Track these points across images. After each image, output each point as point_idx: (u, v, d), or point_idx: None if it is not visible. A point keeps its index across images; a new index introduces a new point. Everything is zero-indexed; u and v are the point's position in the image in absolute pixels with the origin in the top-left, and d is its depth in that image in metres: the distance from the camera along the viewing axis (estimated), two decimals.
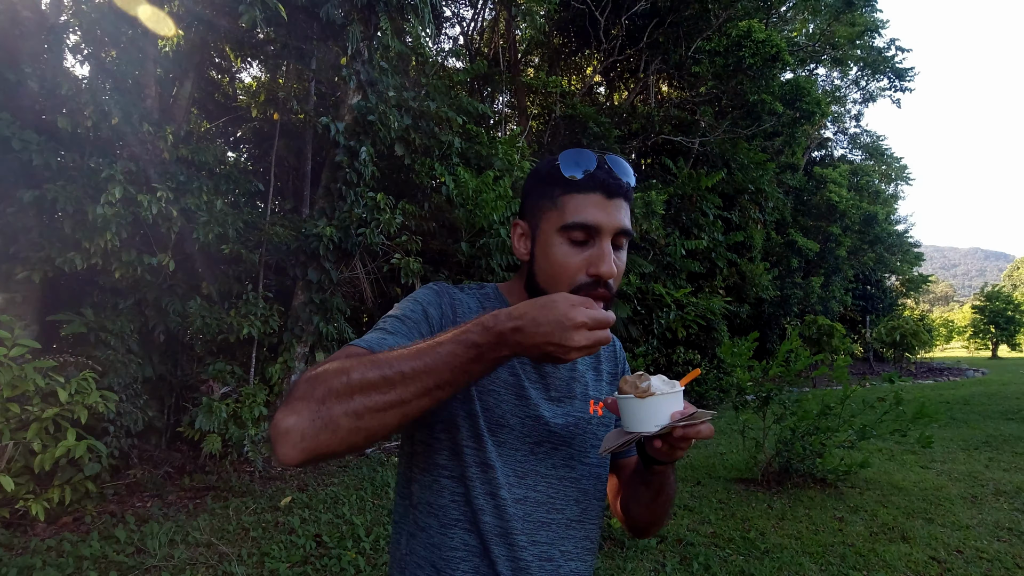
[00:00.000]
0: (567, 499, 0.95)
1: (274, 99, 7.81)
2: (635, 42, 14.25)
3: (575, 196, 0.87)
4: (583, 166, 0.88)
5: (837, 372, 5.55)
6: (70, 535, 3.93)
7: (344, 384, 0.68)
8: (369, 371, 0.69)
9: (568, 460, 0.96)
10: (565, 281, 0.87)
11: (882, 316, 24.48)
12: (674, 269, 12.11)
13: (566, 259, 0.87)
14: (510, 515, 0.89)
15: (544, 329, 0.70)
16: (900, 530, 4.42)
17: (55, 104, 5.07)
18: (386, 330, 0.85)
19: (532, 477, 0.92)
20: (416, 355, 0.71)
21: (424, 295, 0.94)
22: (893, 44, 20.88)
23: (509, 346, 0.71)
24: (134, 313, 5.40)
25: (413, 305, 0.91)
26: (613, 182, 0.88)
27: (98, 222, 4.62)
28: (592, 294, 0.86)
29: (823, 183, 20.47)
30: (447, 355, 0.70)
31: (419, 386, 0.70)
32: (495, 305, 0.97)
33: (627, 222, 0.90)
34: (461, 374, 0.71)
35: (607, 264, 0.86)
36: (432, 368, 0.70)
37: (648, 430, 0.78)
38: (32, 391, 3.91)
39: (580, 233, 0.87)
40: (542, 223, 0.91)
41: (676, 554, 3.92)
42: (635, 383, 0.79)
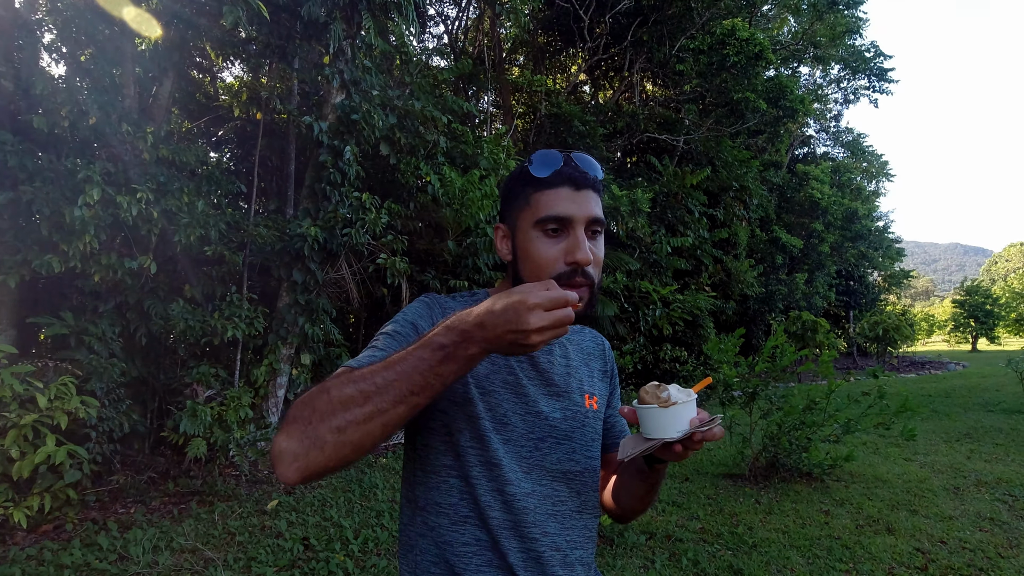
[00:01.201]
0: (570, 491, 0.99)
1: (256, 98, 7.72)
2: (619, 40, 14.30)
3: (545, 192, 0.94)
4: (551, 165, 0.94)
5: (822, 367, 5.61)
6: (51, 543, 3.85)
7: (326, 402, 0.73)
8: (347, 387, 0.74)
9: (571, 454, 1.00)
10: (545, 272, 0.92)
11: (865, 311, 24.80)
12: (660, 267, 12.17)
13: (544, 251, 0.93)
14: (519, 509, 0.92)
15: (502, 318, 0.72)
16: (885, 522, 4.48)
17: (30, 104, 4.97)
18: (377, 347, 0.90)
19: (537, 472, 0.96)
20: (389, 365, 0.74)
21: (414, 309, 0.98)
22: (874, 46, 21.18)
23: (475, 342, 0.73)
24: (115, 316, 5.30)
25: (403, 321, 0.95)
26: (579, 175, 0.94)
27: (76, 224, 4.53)
28: (572, 282, 0.91)
29: (806, 180, 20.70)
30: (416, 360, 0.74)
31: (394, 394, 0.73)
32: None
33: (598, 211, 0.95)
34: (433, 377, 0.74)
35: (582, 251, 0.91)
36: (404, 375, 0.73)
37: (671, 436, 0.84)
38: (9, 397, 3.83)
39: (554, 225, 0.92)
40: (519, 222, 0.97)
41: (665, 550, 3.93)
42: (656, 393, 0.86)
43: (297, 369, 6.49)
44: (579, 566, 0.99)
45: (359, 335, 8.65)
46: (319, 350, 6.66)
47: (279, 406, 6.30)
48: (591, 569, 1.04)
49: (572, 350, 1.10)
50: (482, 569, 0.92)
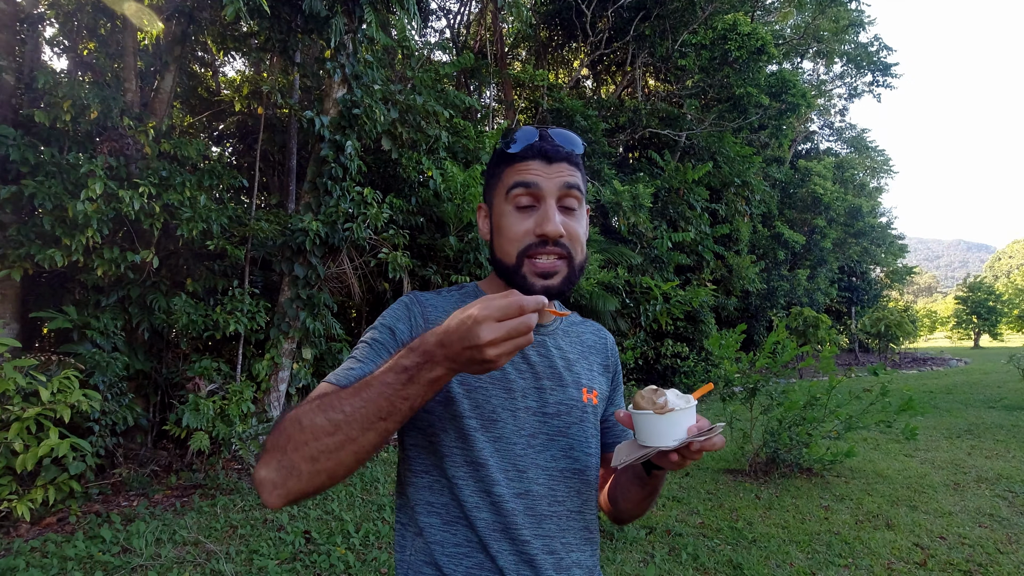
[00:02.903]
0: (569, 490, 0.96)
1: (258, 93, 7.71)
2: (622, 35, 14.24)
3: (516, 166, 0.92)
4: (523, 141, 0.92)
5: (823, 363, 5.61)
6: (54, 535, 3.88)
7: (299, 432, 0.74)
8: (318, 416, 0.74)
9: (568, 451, 0.96)
10: (513, 246, 0.91)
11: (867, 307, 24.77)
12: (662, 262, 12.16)
13: (514, 225, 0.91)
14: (509, 510, 0.89)
15: (456, 335, 0.69)
16: (884, 517, 4.49)
17: (32, 98, 4.97)
18: (356, 358, 0.89)
19: (533, 471, 0.93)
20: (357, 391, 0.74)
21: (393, 312, 0.95)
22: (877, 40, 21.08)
23: (438, 362, 0.71)
24: (118, 310, 5.32)
25: (381, 327, 0.93)
26: (551, 147, 0.92)
27: (79, 218, 4.54)
28: (540, 252, 0.90)
29: (808, 176, 20.64)
30: (381, 385, 0.73)
31: (362, 422, 0.72)
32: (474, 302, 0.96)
33: (574, 181, 0.92)
34: (399, 401, 0.72)
35: (552, 223, 0.88)
36: (370, 401, 0.72)
37: (667, 444, 0.80)
38: (12, 390, 3.85)
39: (523, 194, 0.90)
40: (494, 199, 0.96)
41: (665, 544, 3.95)
42: (652, 399, 0.81)
43: (299, 363, 6.51)
44: (576, 570, 0.95)
45: (360, 330, 8.67)
46: (321, 344, 6.67)
47: (281, 400, 6.32)
48: (592, 573, 0.99)
49: (569, 343, 1.06)
50: (472, 571, 0.89)
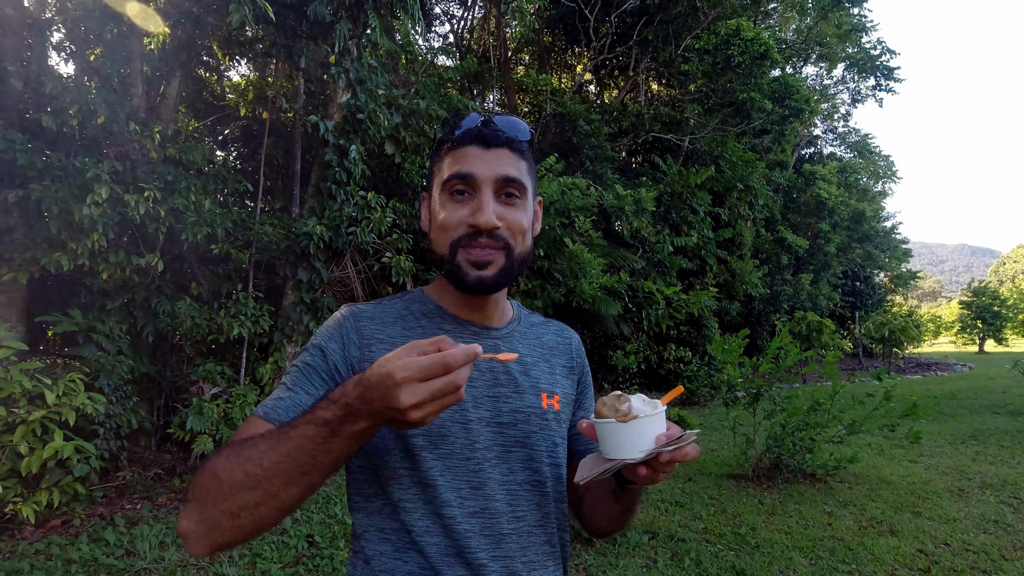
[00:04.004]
0: (530, 504, 0.89)
1: (263, 97, 7.75)
2: (625, 40, 14.28)
3: (454, 152, 0.87)
4: (463, 126, 0.88)
5: (826, 368, 5.60)
6: (59, 538, 3.89)
7: (216, 486, 0.69)
8: (235, 471, 0.69)
9: (528, 462, 0.90)
10: (447, 235, 0.86)
11: (871, 312, 24.71)
12: (664, 266, 12.16)
13: (448, 215, 0.85)
14: (462, 532, 0.83)
15: (376, 394, 0.64)
16: (888, 524, 4.47)
17: (39, 103, 5.01)
18: (286, 385, 0.84)
19: (490, 486, 0.86)
20: (275, 445, 0.69)
21: (326, 330, 0.88)
22: (880, 44, 21.09)
23: (361, 416, 0.66)
24: (123, 314, 5.34)
25: (313, 348, 0.86)
26: (490, 133, 0.86)
27: (85, 222, 4.57)
28: (472, 246, 0.84)
29: (812, 180, 20.64)
30: (301, 439, 0.68)
31: (283, 477, 0.68)
32: (419, 308, 0.94)
33: (512, 171, 0.86)
34: (321, 455, 0.68)
35: (484, 213, 0.83)
36: (290, 455, 0.68)
37: (632, 456, 0.72)
38: (18, 393, 3.87)
39: (459, 185, 0.85)
40: (433, 188, 0.90)
41: (668, 550, 3.94)
42: (615, 405, 0.74)
43: None
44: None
45: None
46: None
47: None
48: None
49: (527, 345, 0.98)
50: None
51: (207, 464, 0.72)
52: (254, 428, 0.78)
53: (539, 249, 8.76)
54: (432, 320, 0.92)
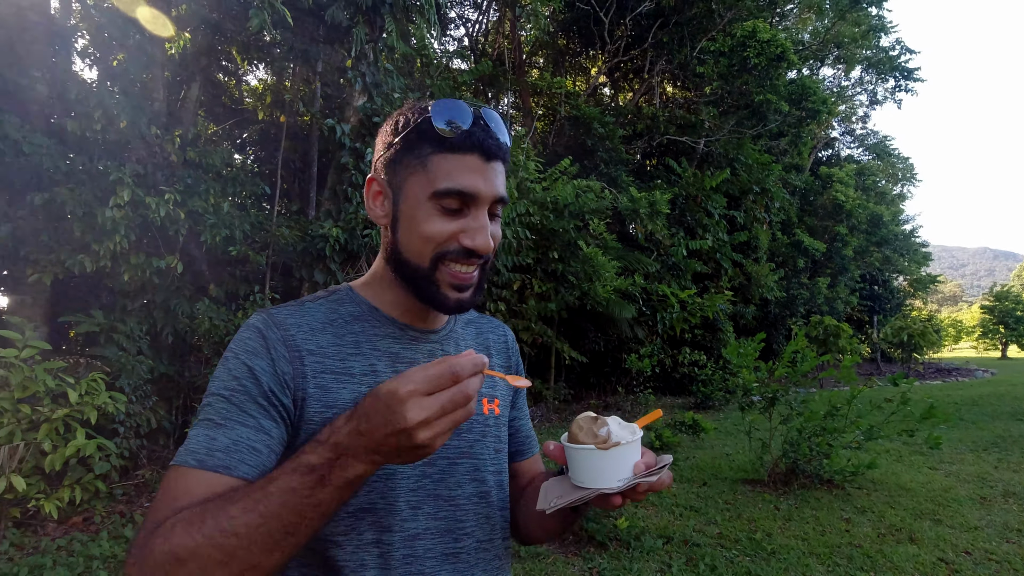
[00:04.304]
0: (477, 518, 0.82)
1: (280, 101, 7.85)
2: (640, 42, 14.26)
3: (448, 157, 0.74)
4: (460, 122, 0.74)
5: (844, 373, 5.53)
6: (80, 535, 3.96)
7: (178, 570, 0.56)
8: (203, 546, 0.57)
9: (474, 473, 0.83)
10: (430, 247, 0.75)
11: (889, 316, 24.35)
12: (679, 270, 12.10)
13: (436, 228, 0.75)
14: (398, 559, 0.74)
15: (376, 420, 0.57)
16: (908, 531, 4.40)
17: (64, 108, 5.12)
18: (213, 422, 0.68)
19: (431, 504, 0.77)
20: (251, 505, 0.58)
21: (244, 347, 0.73)
22: (899, 44, 20.83)
23: (357, 456, 0.58)
24: (143, 315, 5.44)
25: (237, 370, 0.72)
26: (492, 143, 0.76)
27: (107, 225, 4.66)
28: (461, 263, 0.76)
29: (829, 183, 20.41)
30: (284, 493, 0.58)
31: (264, 543, 0.57)
32: (349, 310, 0.82)
33: (503, 189, 0.78)
34: (308, 509, 0.58)
35: (483, 237, 0.75)
36: (272, 514, 0.57)
37: (611, 486, 0.67)
38: (42, 392, 3.95)
39: (455, 201, 0.74)
40: (407, 186, 0.77)
41: (682, 555, 3.92)
42: (592, 430, 0.68)
43: None
44: None
45: None
46: None
47: None
48: None
49: (466, 346, 0.91)
50: None
51: (153, 545, 0.58)
52: (191, 483, 0.64)
53: (553, 252, 8.75)
54: (366, 323, 0.81)
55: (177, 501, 0.63)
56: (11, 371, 3.86)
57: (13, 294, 4.94)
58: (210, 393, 0.71)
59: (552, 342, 9.33)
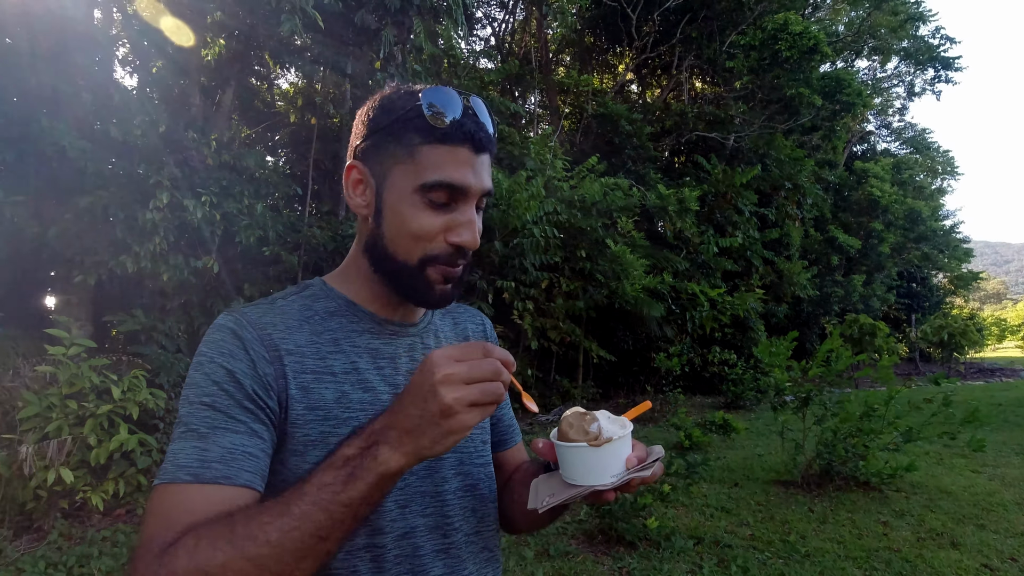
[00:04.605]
0: (465, 512, 0.80)
1: (311, 104, 7.99)
2: (668, 38, 14.10)
3: (438, 148, 0.71)
4: (450, 112, 0.71)
5: (881, 372, 5.39)
6: (124, 526, 4.11)
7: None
8: (232, 557, 0.55)
9: (459, 467, 0.81)
10: (419, 248, 0.73)
11: (928, 315, 23.61)
12: (709, 268, 11.93)
13: (424, 223, 0.72)
14: (391, 560, 0.72)
15: (408, 393, 0.59)
16: (949, 536, 4.27)
17: (107, 114, 5.30)
18: (197, 432, 0.64)
19: (418, 501, 0.75)
20: (283, 509, 0.57)
21: (219, 349, 0.69)
22: (939, 33, 20.15)
23: (389, 442, 0.59)
24: (181, 314, 5.60)
25: (214, 374, 0.67)
26: (483, 135, 0.73)
27: (147, 226, 4.82)
28: (449, 265, 0.74)
29: (864, 178, 19.87)
30: (316, 488, 0.58)
31: (296, 551, 0.56)
32: (325, 306, 0.78)
33: (490, 182, 0.76)
34: (338, 509, 0.57)
35: (471, 233, 0.73)
36: (305, 516, 0.57)
37: (603, 482, 0.66)
38: (88, 388, 4.11)
39: (443, 194, 0.72)
40: (393, 175, 0.73)
41: (713, 556, 3.87)
42: (583, 427, 0.67)
43: None
44: None
45: None
46: None
47: None
48: None
49: (448, 339, 0.90)
50: None
51: (175, 566, 0.55)
52: (188, 499, 0.61)
53: (581, 250, 8.73)
54: (344, 319, 0.78)
55: (176, 520, 0.59)
56: (59, 368, 4.02)
57: (60, 294, 5.15)
58: (188, 402, 0.67)
59: (580, 341, 9.31)
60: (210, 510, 0.60)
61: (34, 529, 3.95)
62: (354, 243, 0.82)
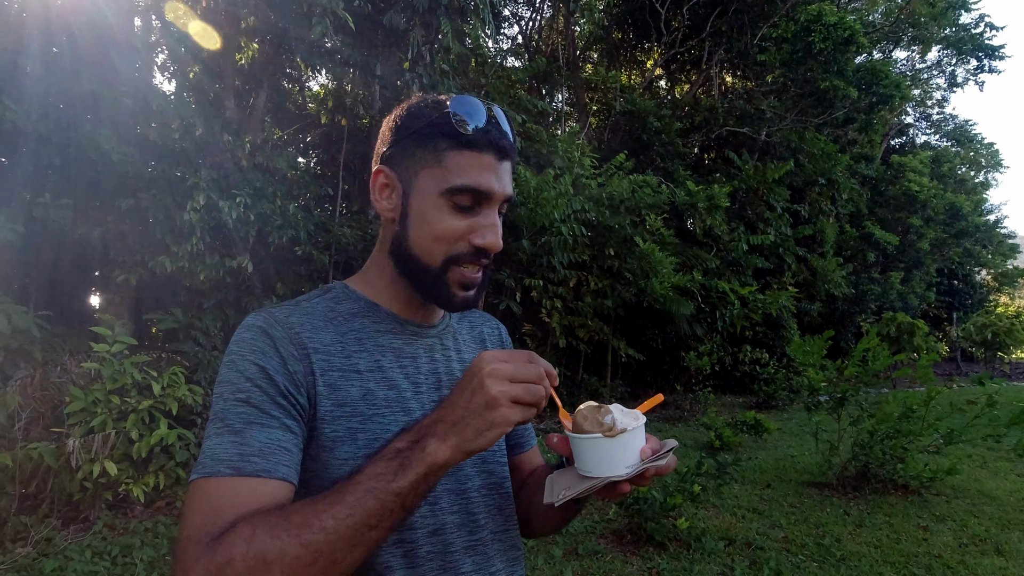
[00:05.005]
0: (490, 509, 0.82)
1: (341, 105, 8.11)
2: (697, 32, 13.89)
3: (464, 154, 0.75)
4: (476, 119, 0.75)
5: (920, 372, 5.24)
6: (164, 518, 4.25)
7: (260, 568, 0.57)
8: (289, 544, 0.57)
9: (482, 465, 0.84)
10: (443, 249, 0.76)
11: (970, 313, 22.82)
12: (739, 265, 11.73)
13: (450, 225, 0.75)
14: (422, 557, 0.74)
15: (457, 389, 0.64)
16: (994, 542, 4.13)
17: (146, 118, 5.48)
18: (233, 428, 0.66)
19: (446, 499, 0.78)
20: (338, 497, 0.60)
21: (251, 347, 0.71)
22: (982, 20, 19.39)
23: (437, 435, 0.62)
24: (217, 312, 5.75)
25: (247, 371, 0.70)
26: (506, 142, 0.77)
27: (185, 227, 4.96)
28: (472, 264, 0.77)
29: (901, 172, 19.27)
30: (369, 478, 0.61)
31: (349, 538, 0.59)
32: (348, 307, 0.81)
33: (511, 189, 0.80)
34: (389, 498, 0.60)
35: (494, 235, 0.76)
36: (358, 505, 0.59)
37: (618, 473, 0.67)
38: (130, 384, 4.25)
39: (467, 198, 0.75)
40: (419, 180, 0.77)
41: (745, 558, 3.82)
42: (597, 419, 0.68)
43: None
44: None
45: None
46: None
47: None
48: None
49: (465, 342, 0.92)
50: None
51: (232, 553, 0.57)
52: (233, 491, 0.63)
53: (609, 248, 8.67)
54: (367, 319, 0.81)
55: (223, 511, 0.61)
56: (103, 365, 4.17)
57: (104, 293, 5.34)
58: (223, 399, 0.69)
59: (608, 339, 9.25)
60: (253, 502, 0.62)
61: (81, 519, 4.11)
62: (376, 246, 0.86)
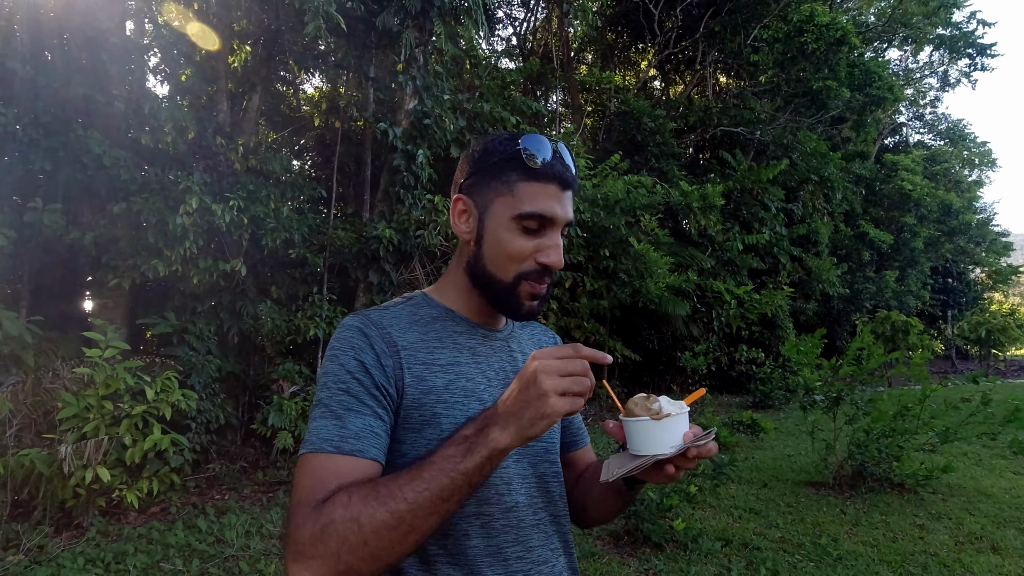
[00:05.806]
0: (549, 496, 0.94)
1: (335, 107, 8.09)
2: (691, 33, 13.91)
3: (532, 184, 0.87)
4: (542, 154, 0.87)
5: (914, 370, 5.25)
6: (158, 524, 4.22)
7: (357, 534, 0.68)
8: (378, 511, 0.69)
9: (543, 455, 0.95)
10: (514, 267, 0.88)
11: (965, 311, 22.90)
12: (735, 265, 11.74)
13: (519, 246, 0.88)
14: (498, 528, 0.86)
15: (515, 384, 0.71)
16: (989, 540, 4.14)
17: (139, 122, 5.44)
18: (335, 413, 0.79)
19: (516, 482, 0.89)
20: (416, 474, 0.71)
21: (350, 344, 0.84)
22: (974, 17, 19.48)
23: (498, 423, 0.71)
24: (211, 316, 5.72)
25: (348, 364, 0.82)
26: (569, 175, 0.90)
27: (178, 231, 4.93)
28: (538, 281, 0.89)
29: (894, 171, 19.33)
30: (441, 459, 0.71)
31: (427, 508, 0.69)
32: (428, 312, 0.94)
33: (572, 214, 0.92)
34: (459, 477, 0.70)
35: (557, 255, 0.88)
36: (433, 481, 0.70)
37: (664, 452, 0.77)
38: (123, 389, 4.22)
39: (534, 222, 0.87)
40: (494, 206, 0.89)
41: (742, 558, 3.81)
42: (646, 405, 0.79)
43: None
44: (567, 573, 0.94)
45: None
46: None
47: None
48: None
49: (528, 344, 1.05)
50: None
51: (334, 514, 0.69)
52: (335, 465, 0.75)
53: (605, 249, 8.67)
54: (446, 323, 0.94)
55: (327, 481, 0.74)
56: (96, 370, 4.14)
57: (97, 298, 5.31)
58: (326, 388, 0.82)
59: (605, 340, 9.25)
60: (350, 475, 0.74)
61: (74, 526, 4.08)
62: (454, 262, 0.99)
